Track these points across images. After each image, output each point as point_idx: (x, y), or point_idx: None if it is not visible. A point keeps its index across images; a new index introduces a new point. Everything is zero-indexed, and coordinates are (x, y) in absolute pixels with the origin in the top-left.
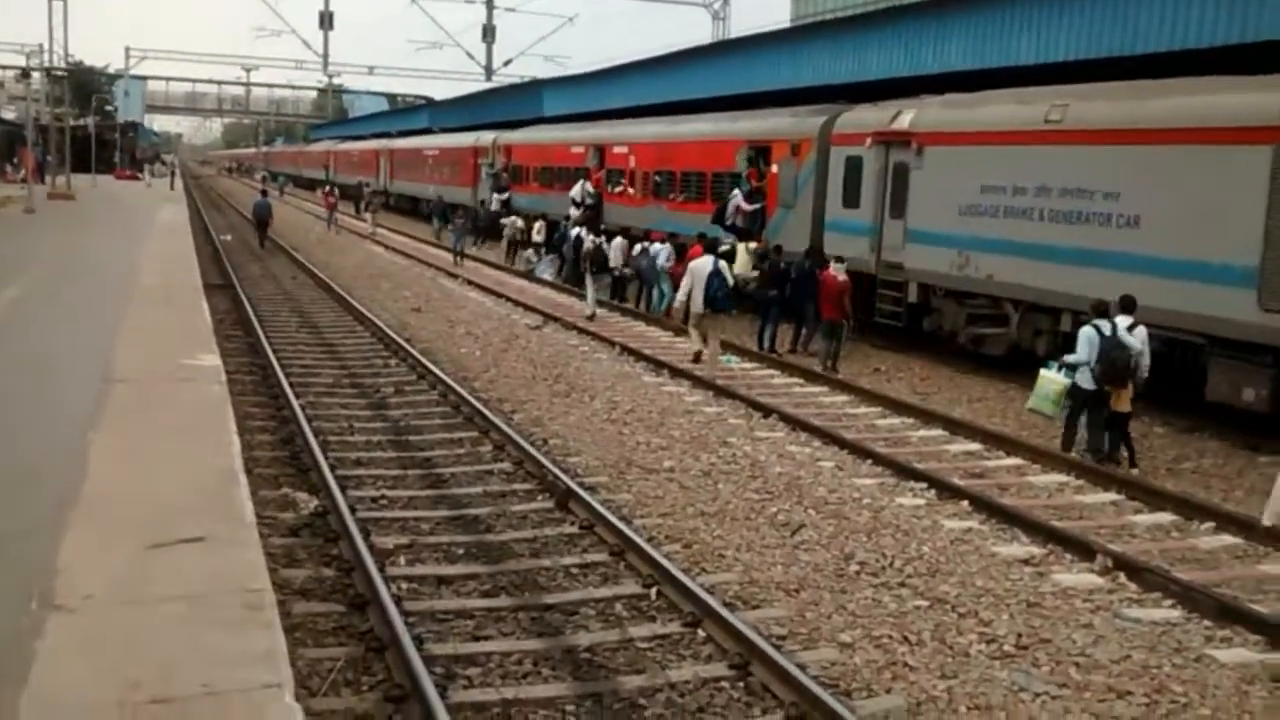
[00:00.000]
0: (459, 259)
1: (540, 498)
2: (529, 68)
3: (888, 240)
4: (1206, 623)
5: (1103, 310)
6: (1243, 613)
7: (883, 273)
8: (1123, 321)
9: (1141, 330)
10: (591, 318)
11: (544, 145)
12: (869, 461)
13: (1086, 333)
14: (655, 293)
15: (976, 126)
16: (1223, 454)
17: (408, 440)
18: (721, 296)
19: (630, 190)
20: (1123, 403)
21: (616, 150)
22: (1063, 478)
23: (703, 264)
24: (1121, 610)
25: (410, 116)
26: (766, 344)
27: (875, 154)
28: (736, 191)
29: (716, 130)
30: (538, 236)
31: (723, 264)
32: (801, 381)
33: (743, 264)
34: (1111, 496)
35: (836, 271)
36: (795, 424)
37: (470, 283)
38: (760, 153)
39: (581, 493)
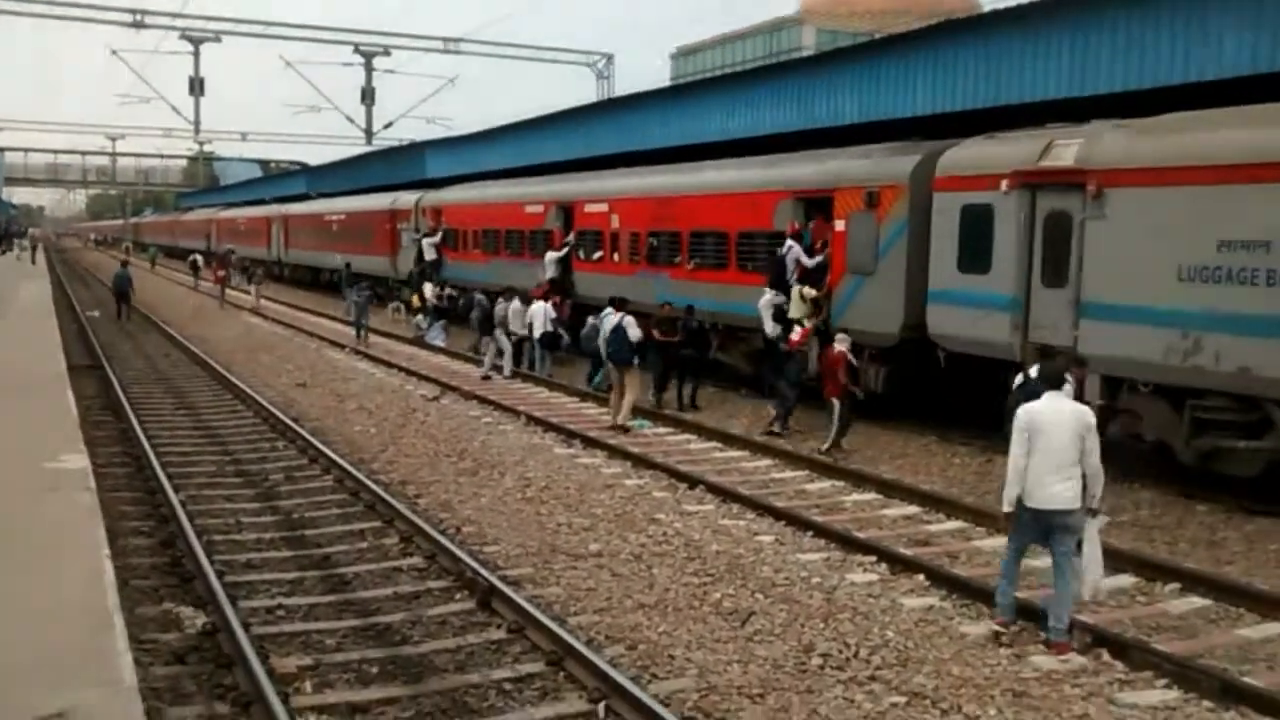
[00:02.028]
0: (363, 336)
1: (459, 597)
2: (411, 130)
3: (1041, 316)
4: (1208, 704)
5: None
6: (1246, 691)
7: (1035, 360)
8: None
9: None
10: (486, 378)
11: (488, 205)
12: (810, 533)
13: None
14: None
15: (1206, 159)
16: (1159, 504)
17: (303, 535)
18: (624, 351)
19: (614, 256)
20: None
21: (591, 208)
22: None
23: (608, 321)
24: (1116, 696)
25: (285, 182)
26: (778, 426)
27: (1017, 201)
28: (792, 244)
29: (744, 179)
30: (433, 301)
31: (628, 319)
32: (720, 445)
33: (798, 310)
34: None
35: (840, 345)
36: (724, 494)
37: (358, 352)
38: (815, 205)
39: (505, 589)
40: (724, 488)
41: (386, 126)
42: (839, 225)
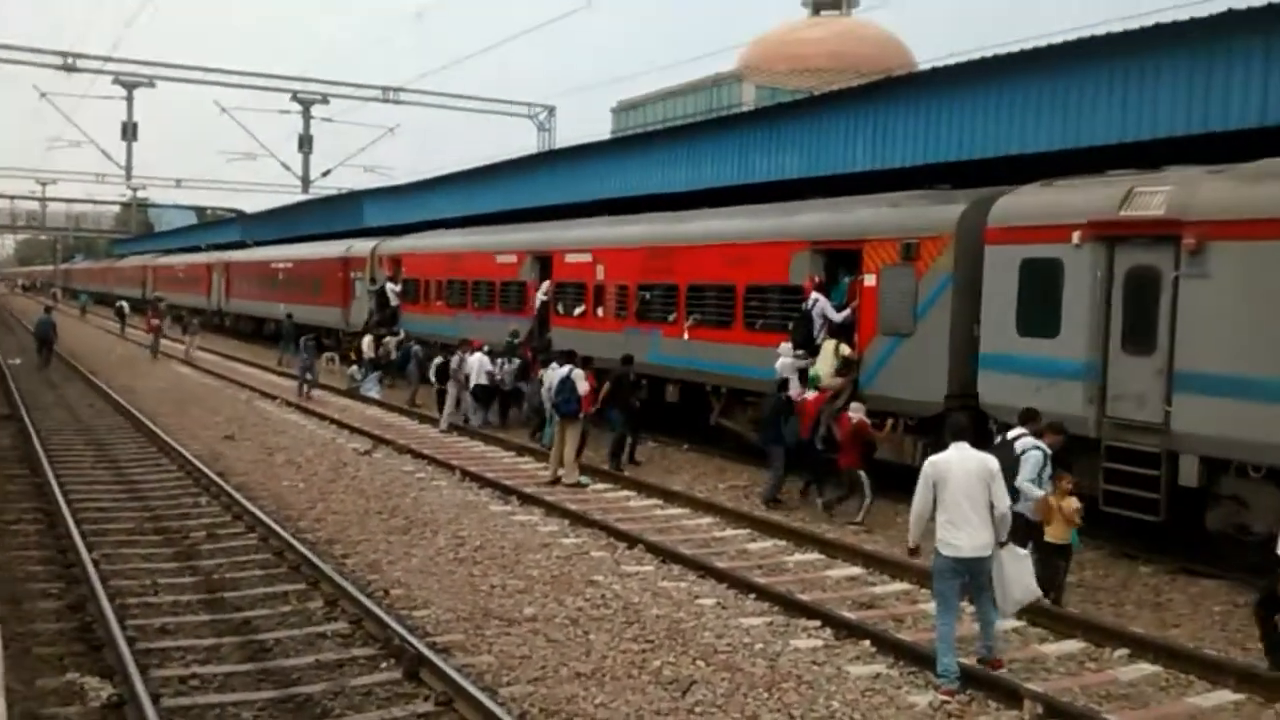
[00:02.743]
0: (306, 391)
1: (385, 666)
2: (349, 179)
3: (1121, 387)
4: None
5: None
6: None
7: (1114, 437)
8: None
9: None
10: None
11: (455, 254)
12: (752, 596)
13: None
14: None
15: None
16: (1102, 565)
17: (223, 598)
18: (572, 403)
19: (598, 311)
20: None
21: (572, 258)
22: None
23: (555, 373)
24: None
25: (219, 230)
26: (769, 495)
27: (1091, 255)
28: (818, 297)
29: (754, 229)
30: (369, 352)
31: (577, 372)
32: (660, 502)
33: (826, 365)
34: (1012, 624)
35: (854, 413)
36: (664, 554)
37: (293, 405)
38: (838, 258)
39: (433, 657)
40: (664, 547)
41: (324, 174)
42: (869, 280)
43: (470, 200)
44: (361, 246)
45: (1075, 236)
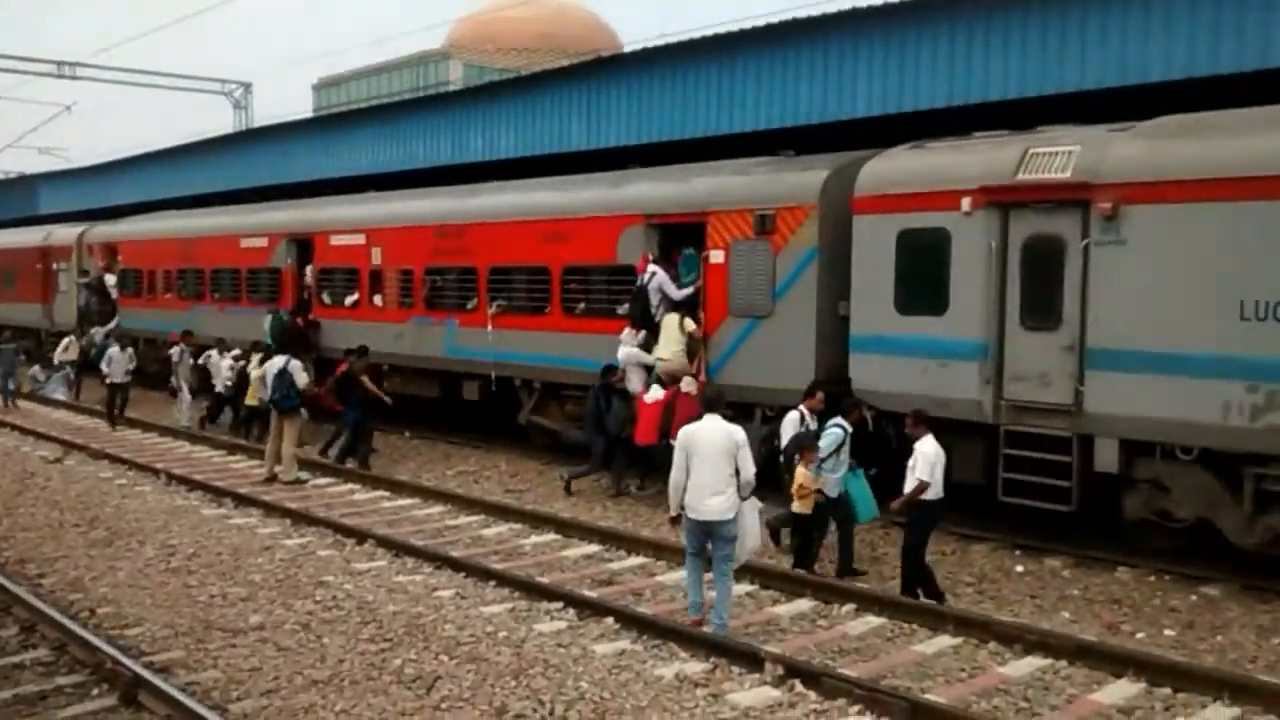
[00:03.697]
0: (11, 401)
1: (97, 693)
2: (20, 161)
3: (1021, 366)
4: None
5: None
6: (934, 710)
7: (1014, 421)
8: None
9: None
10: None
11: (187, 239)
12: (492, 583)
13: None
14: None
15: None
16: None
17: None
18: (286, 396)
19: (375, 300)
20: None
21: (339, 240)
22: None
23: (273, 364)
24: None
25: None
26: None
27: (984, 224)
28: (655, 269)
29: (573, 202)
30: (63, 355)
31: (295, 364)
32: (387, 494)
33: (671, 344)
34: (746, 588)
35: (686, 385)
36: (396, 548)
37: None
38: (676, 233)
39: (152, 678)
40: (396, 541)
41: None
42: (715, 257)
43: (162, 184)
44: (65, 234)
45: (965, 203)
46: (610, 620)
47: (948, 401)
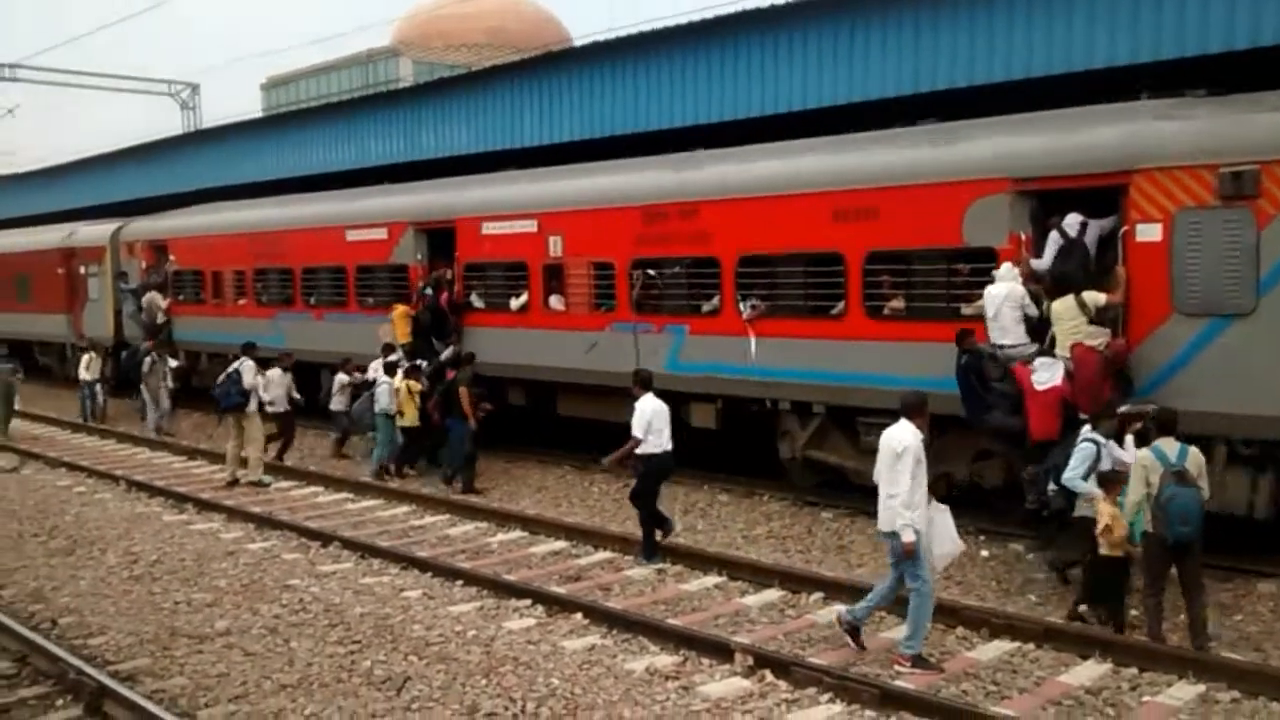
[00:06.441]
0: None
1: (61, 704)
2: None
3: None
4: (870, 713)
5: None
6: (903, 697)
7: None
8: None
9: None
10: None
11: (268, 233)
12: (459, 583)
13: None
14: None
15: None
16: (787, 514)
17: None
18: (233, 395)
19: (552, 302)
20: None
21: (496, 228)
22: (662, 565)
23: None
24: (785, 717)
25: None
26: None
27: None
28: (1088, 222)
29: (888, 166)
30: (85, 373)
31: (248, 364)
32: (351, 495)
33: (1072, 336)
34: (715, 580)
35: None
36: (362, 549)
37: None
38: (1056, 205)
39: (117, 687)
40: (361, 542)
41: None
42: (1147, 233)
43: (107, 187)
44: (92, 232)
45: None
46: (579, 616)
47: None
